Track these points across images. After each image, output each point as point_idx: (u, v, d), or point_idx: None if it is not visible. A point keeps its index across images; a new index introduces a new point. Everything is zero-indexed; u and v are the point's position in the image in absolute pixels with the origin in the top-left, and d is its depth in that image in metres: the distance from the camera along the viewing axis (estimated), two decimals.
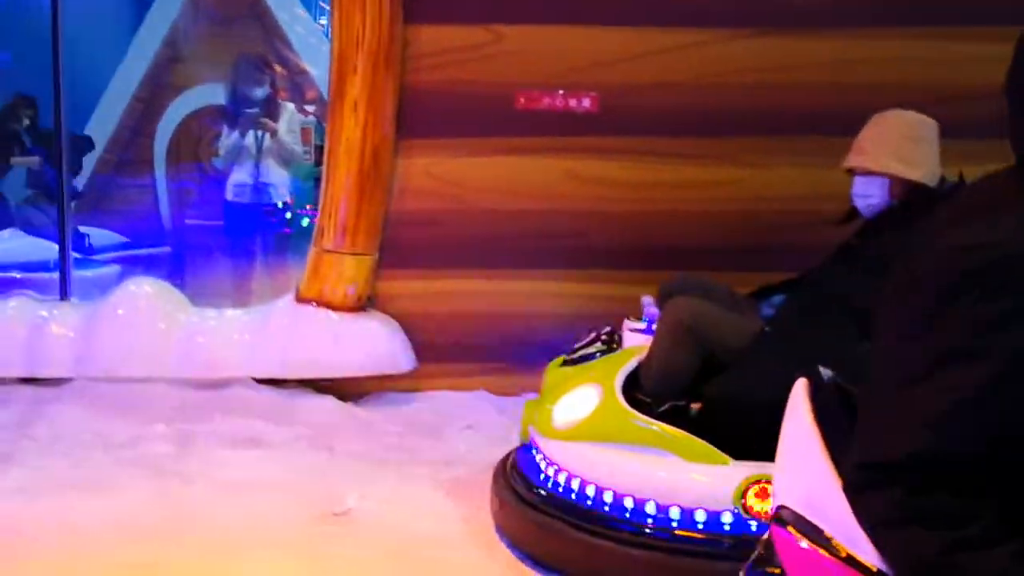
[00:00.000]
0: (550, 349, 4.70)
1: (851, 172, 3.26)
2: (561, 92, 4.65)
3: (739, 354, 3.12)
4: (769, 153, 4.65)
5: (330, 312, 4.62)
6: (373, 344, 4.59)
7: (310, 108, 6.85)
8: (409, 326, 4.74)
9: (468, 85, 4.63)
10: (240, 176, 6.02)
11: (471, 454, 4.05)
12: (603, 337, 3.73)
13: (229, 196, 6.11)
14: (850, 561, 1.35)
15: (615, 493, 2.96)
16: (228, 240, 6.30)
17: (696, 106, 4.62)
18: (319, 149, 5.70)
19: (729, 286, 3.68)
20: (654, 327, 3.41)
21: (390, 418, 4.46)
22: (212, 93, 6.92)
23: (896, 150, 3.11)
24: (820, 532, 1.41)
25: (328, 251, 4.63)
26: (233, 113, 5.98)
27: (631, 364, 3.35)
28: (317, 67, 7.23)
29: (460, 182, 4.73)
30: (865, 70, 4.55)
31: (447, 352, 4.78)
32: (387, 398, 4.69)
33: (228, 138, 5.96)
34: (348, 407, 4.52)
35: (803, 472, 1.50)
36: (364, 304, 4.70)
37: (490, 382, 4.77)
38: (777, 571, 1.49)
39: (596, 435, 3.09)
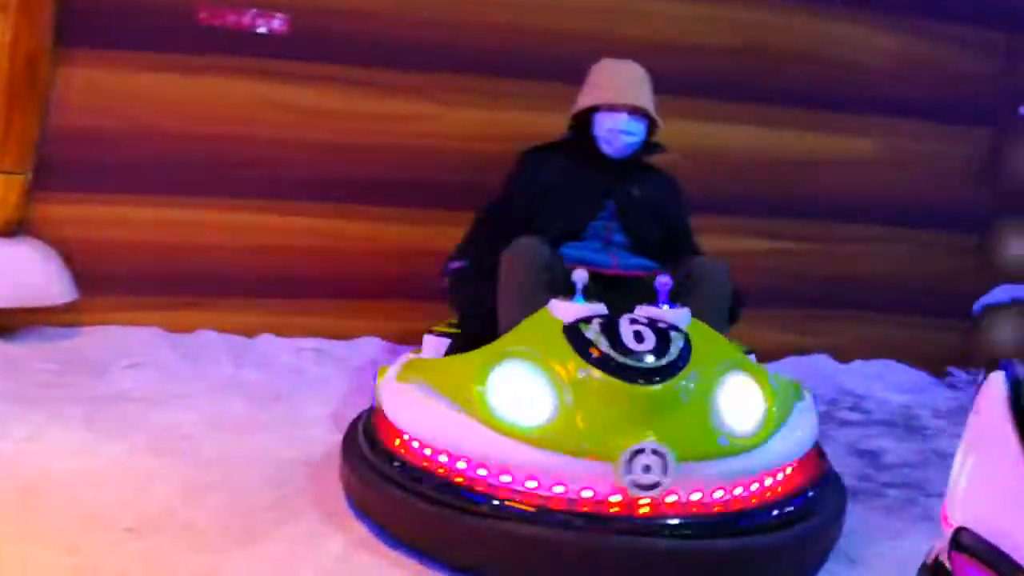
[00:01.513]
0: (238, 284, 4.50)
1: (612, 109, 3.44)
2: (253, 10, 4.35)
3: None
4: (464, 91, 4.60)
5: None
6: (22, 273, 4.10)
7: None
8: (70, 254, 4.27)
9: None
10: None
11: (136, 392, 3.75)
12: None
13: None
14: None
15: None
16: None
17: (393, 37, 4.49)
18: None
19: None
20: None
21: (45, 354, 4.04)
22: None
23: (649, 95, 3.46)
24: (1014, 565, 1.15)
25: None
26: None
27: None
28: None
29: (133, 100, 4.30)
30: (557, 17, 4.62)
31: (116, 284, 4.39)
32: (42, 333, 4.24)
33: None
34: None
35: (996, 490, 1.21)
36: (13, 229, 4.20)
37: (166, 318, 4.44)
38: None
39: None
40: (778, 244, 5.04)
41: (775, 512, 2.61)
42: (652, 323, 2.76)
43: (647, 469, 2.49)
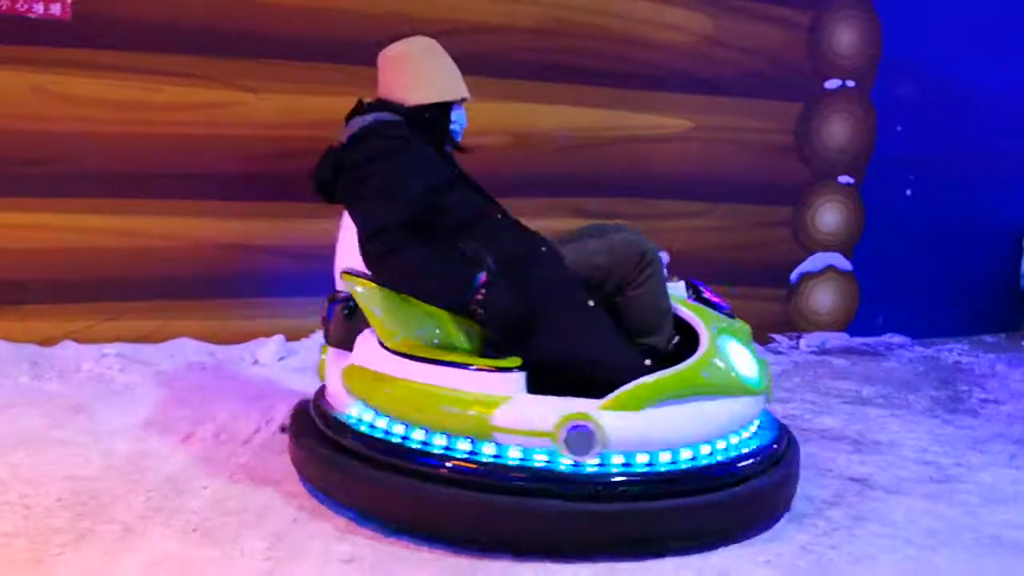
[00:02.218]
0: (32, 290, 4.20)
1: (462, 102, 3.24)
2: None
3: None
4: (268, 78, 4.41)
5: None
6: None
7: None
8: None
9: None
10: None
11: None
12: None
13: None
14: None
15: None
16: None
17: (186, 22, 4.26)
18: None
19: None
20: None
21: None
22: None
23: None
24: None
25: None
26: None
27: None
28: None
29: None
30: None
31: None
32: None
33: None
34: None
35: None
36: None
37: None
38: None
39: None
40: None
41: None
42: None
43: None
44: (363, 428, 2.86)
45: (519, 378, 2.73)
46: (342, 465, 2.83)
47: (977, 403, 4.44)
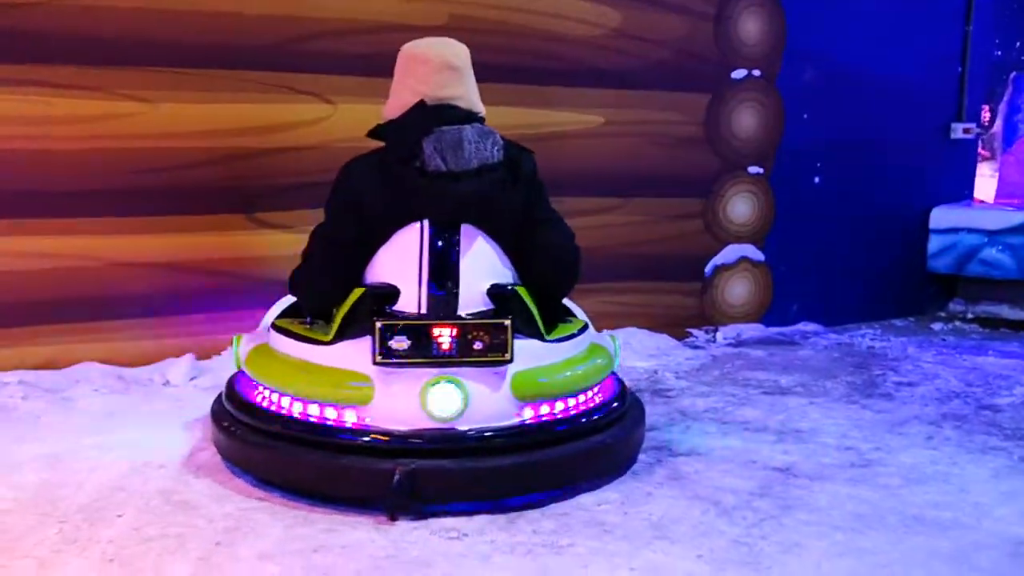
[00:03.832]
0: None
1: None
2: None
3: None
4: (164, 88, 4.27)
5: None
6: None
7: None
8: None
9: None
10: None
11: None
12: None
13: None
14: None
15: None
16: None
17: (76, 31, 4.10)
18: None
19: None
20: None
21: None
22: None
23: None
24: None
25: None
26: None
27: None
28: None
29: None
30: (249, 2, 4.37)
31: None
32: None
33: None
34: None
35: None
36: None
37: None
38: None
39: None
40: None
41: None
42: None
43: None
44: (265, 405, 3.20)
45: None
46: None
47: (892, 386, 4.52)
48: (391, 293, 3.03)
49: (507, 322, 2.97)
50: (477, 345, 2.96)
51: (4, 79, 4.03)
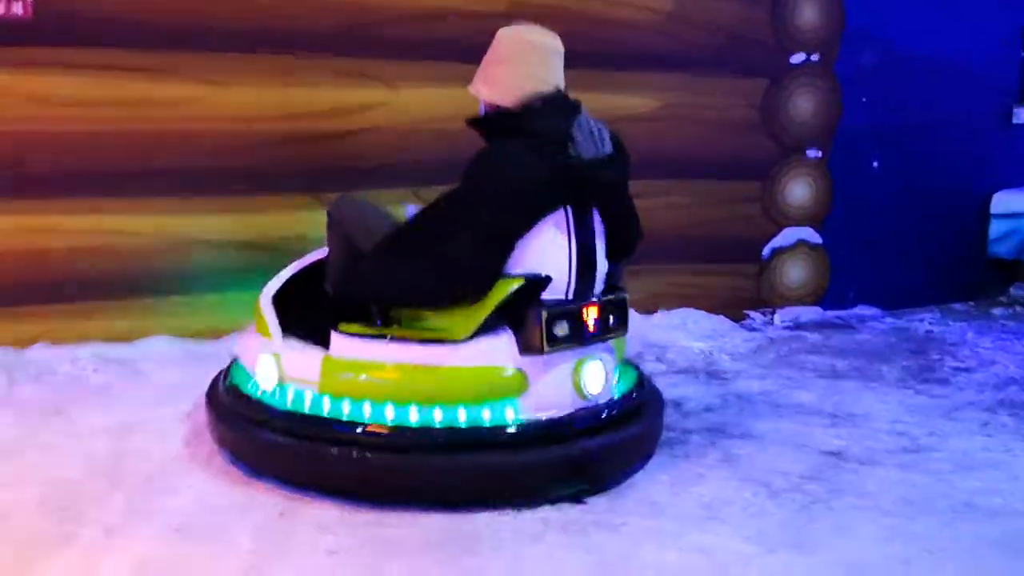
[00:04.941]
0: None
1: None
2: None
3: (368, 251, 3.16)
4: (233, 72, 4.38)
5: None
6: None
7: None
8: None
9: None
10: None
11: None
12: None
13: None
14: None
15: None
16: None
17: (147, 17, 4.22)
18: None
19: None
20: None
21: None
22: None
23: (483, 71, 3.21)
24: None
25: None
26: None
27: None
28: None
29: None
30: None
31: None
32: None
33: None
34: None
35: None
36: None
37: None
38: None
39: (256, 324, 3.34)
40: None
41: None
42: None
43: None
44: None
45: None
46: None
47: (949, 372, 4.50)
48: (546, 281, 3.03)
49: (626, 295, 3.17)
50: (611, 322, 3.10)
51: (73, 63, 4.16)
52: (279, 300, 3.30)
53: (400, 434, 2.89)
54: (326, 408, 2.98)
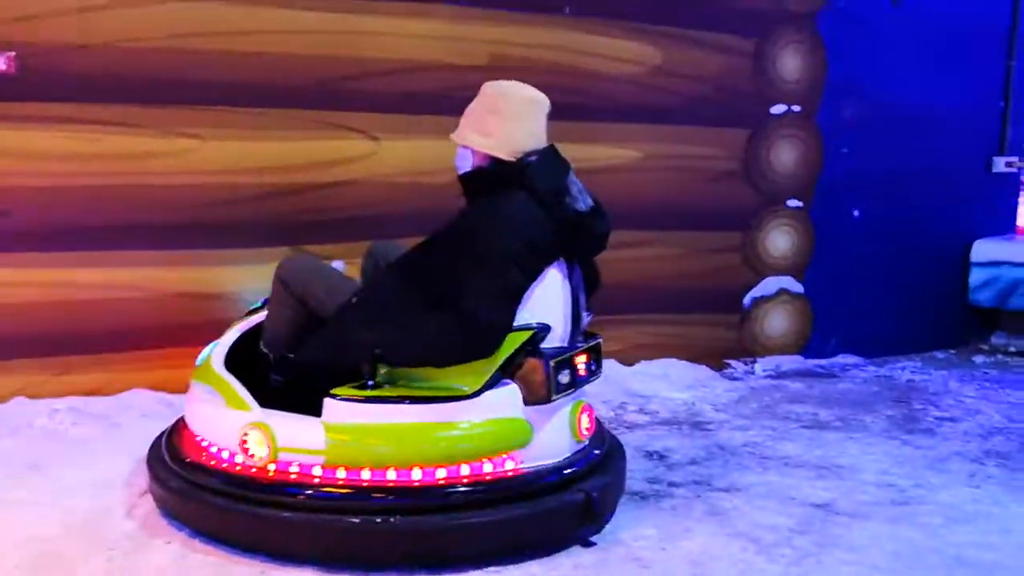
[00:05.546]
0: None
1: None
2: None
3: (330, 316, 3.16)
4: (215, 125, 4.37)
5: None
6: None
7: None
8: None
9: None
10: None
11: None
12: None
13: None
14: None
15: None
16: None
17: (132, 72, 4.21)
18: None
19: None
20: None
21: None
22: None
23: (477, 122, 3.20)
24: None
25: None
26: None
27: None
28: None
29: None
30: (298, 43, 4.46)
31: None
32: None
33: None
34: None
35: None
36: None
37: None
38: None
39: (202, 377, 3.32)
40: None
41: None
42: None
43: None
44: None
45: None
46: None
47: (933, 422, 4.50)
48: (547, 330, 3.08)
49: (601, 339, 3.29)
50: (592, 366, 3.20)
51: (57, 117, 4.14)
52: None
53: (426, 495, 2.86)
54: (339, 479, 2.87)
